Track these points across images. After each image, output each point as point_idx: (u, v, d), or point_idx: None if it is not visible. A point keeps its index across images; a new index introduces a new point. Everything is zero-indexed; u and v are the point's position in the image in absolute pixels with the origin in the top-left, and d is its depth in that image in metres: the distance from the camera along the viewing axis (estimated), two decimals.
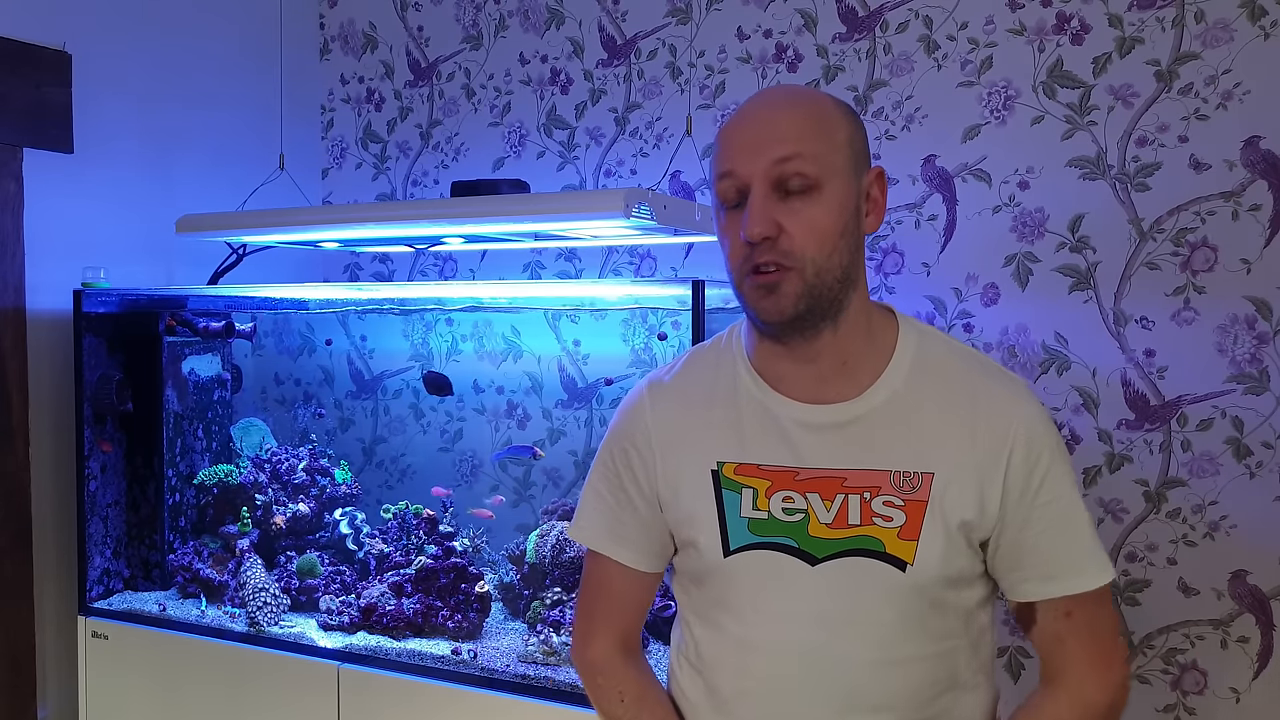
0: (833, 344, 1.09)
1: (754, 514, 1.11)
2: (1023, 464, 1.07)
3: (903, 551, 1.07)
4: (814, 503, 1.09)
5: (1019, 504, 1.08)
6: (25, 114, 2.21)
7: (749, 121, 1.09)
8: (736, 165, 1.06)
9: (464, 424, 2.66)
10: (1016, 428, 1.08)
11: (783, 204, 1.04)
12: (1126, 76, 1.97)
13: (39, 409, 2.28)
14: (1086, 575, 1.09)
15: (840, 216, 1.06)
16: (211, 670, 2.15)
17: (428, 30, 2.73)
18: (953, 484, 1.07)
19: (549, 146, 2.57)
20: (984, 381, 1.11)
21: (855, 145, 1.08)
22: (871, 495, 1.08)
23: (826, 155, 1.05)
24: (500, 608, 2.21)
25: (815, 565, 1.08)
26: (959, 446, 1.08)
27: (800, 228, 1.04)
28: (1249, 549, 1.92)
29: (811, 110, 1.08)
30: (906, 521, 1.07)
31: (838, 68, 2.22)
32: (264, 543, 2.37)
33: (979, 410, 1.09)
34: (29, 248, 2.24)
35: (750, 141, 1.06)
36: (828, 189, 1.05)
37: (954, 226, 2.13)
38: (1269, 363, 1.89)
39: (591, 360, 2.51)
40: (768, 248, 1.04)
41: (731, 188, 1.07)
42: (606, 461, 1.23)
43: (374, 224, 2.06)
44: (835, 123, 1.07)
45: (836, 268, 1.06)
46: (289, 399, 2.89)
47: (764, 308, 1.06)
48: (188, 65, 2.58)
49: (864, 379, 1.11)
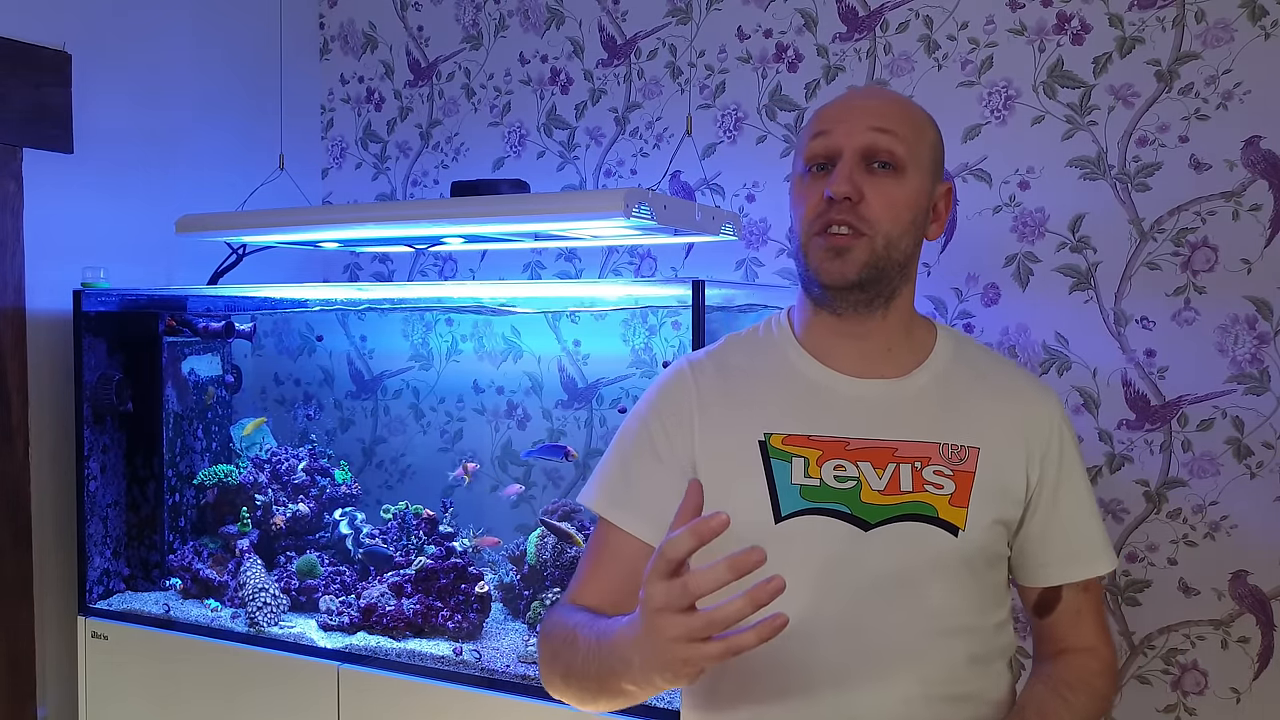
0: (881, 327, 1.15)
1: (806, 481, 1.12)
2: (1057, 454, 1.16)
3: (955, 517, 1.10)
4: (866, 471, 1.11)
5: (1053, 489, 1.15)
6: (25, 114, 2.21)
7: (849, 98, 1.17)
8: (833, 126, 1.12)
9: (464, 424, 2.66)
10: (1055, 420, 1.17)
11: (868, 174, 1.10)
12: (1127, 76, 1.97)
13: (39, 409, 2.28)
14: (1101, 561, 1.19)
15: (915, 204, 1.12)
16: (211, 671, 2.15)
17: (428, 30, 2.73)
18: (997, 461, 1.13)
19: (549, 146, 2.57)
20: (1021, 378, 1.21)
21: (937, 150, 1.16)
22: (923, 465, 1.11)
23: (914, 144, 1.12)
24: (500, 608, 2.21)
25: (869, 530, 1.10)
26: (1003, 428, 1.14)
27: (880, 199, 1.09)
28: (1249, 549, 1.91)
29: (906, 104, 1.17)
30: (957, 490, 1.11)
31: (838, 68, 2.22)
32: (264, 543, 2.37)
33: (1020, 399, 1.17)
34: (29, 248, 2.24)
35: (850, 111, 1.13)
36: (909, 174, 1.11)
37: (954, 226, 2.13)
38: (1269, 363, 1.89)
39: (591, 360, 2.51)
40: (846, 208, 1.08)
41: (822, 147, 1.11)
42: (638, 431, 1.20)
43: (374, 224, 2.06)
44: (924, 123, 1.15)
45: (901, 249, 1.11)
46: (289, 399, 2.89)
47: (829, 269, 1.10)
48: (187, 65, 2.58)
49: (907, 364, 1.16)
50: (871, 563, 1.09)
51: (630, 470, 1.19)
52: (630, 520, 1.17)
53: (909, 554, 1.10)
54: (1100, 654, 1.20)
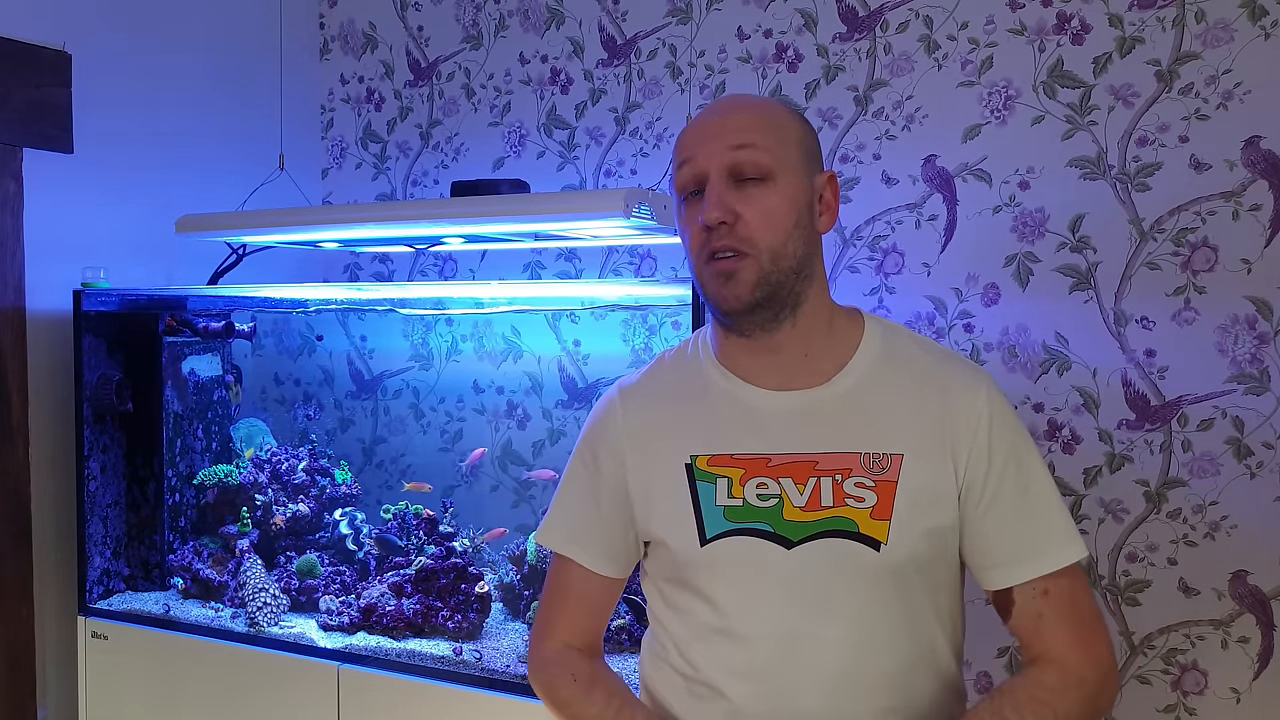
0: (792, 336, 1.13)
1: (729, 502, 1.12)
2: (986, 445, 1.11)
3: (876, 531, 1.09)
4: (787, 487, 1.11)
5: (985, 482, 1.10)
6: (25, 114, 2.21)
7: (705, 118, 1.15)
8: (695, 152, 1.11)
9: (464, 424, 2.66)
10: (980, 411, 1.12)
11: (738, 191, 1.09)
12: (1127, 76, 1.97)
13: (39, 409, 2.28)
14: (1056, 553, 1.10)
15: (793, 208, 1.10)
16: (211, 671, 2.15)
17: (428, 30, 2.73)
18: (922, 465, 1.10)
19: (549, 146, 2.57)
20: (950, 368, 1.15)
21: (806, 145, 1.14)
22: (843, 477, 1.10)
23: (778, 149, 1.10)
24: (500, 608, 2.21)
25: (791, 548, 1.10)
26: (927, 429, 1.11)
27: (755, 214, 1.08)
28: (1249, 549, 1.91)
29: (763, 109, 1.15)
30: (878, 502, 1.09)
31: (838, 68, 2.22)
32: (264, 543, 2.37)
33: (945, 394, 1.12)
34: (29, 248, 2.24)
35: (707, 133, 1.12)
36: (780, 180, 1.10)
37: (954, 226, 2.13)
38: (1269, 363, 1.89)
39: (591, 360, 2.51)
40: (725, 232, 1.08)
41: (690, 175, 1.12)
42: (576, 467, 1.25)
43: (374, 224, 2.06)
44: (786, 122, 1.14)
45: (791, 257, 1.10)
46: (289, 399, 2.89)
47: (723, 295, 1.10)
48: (187, 65, 2.57)
49: (828, 369, 1.14)
50: (797, 580, 1.10)
51: (577, 507, 1.24)
52: (585, 556, 1.22)
53: (832, 570, 1.09)
54: (1065, 666, 1.09)
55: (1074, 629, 1.10)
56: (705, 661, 1.14)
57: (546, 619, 1.26)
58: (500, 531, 2.31)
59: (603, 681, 1.20)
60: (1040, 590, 1.10)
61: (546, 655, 1.24)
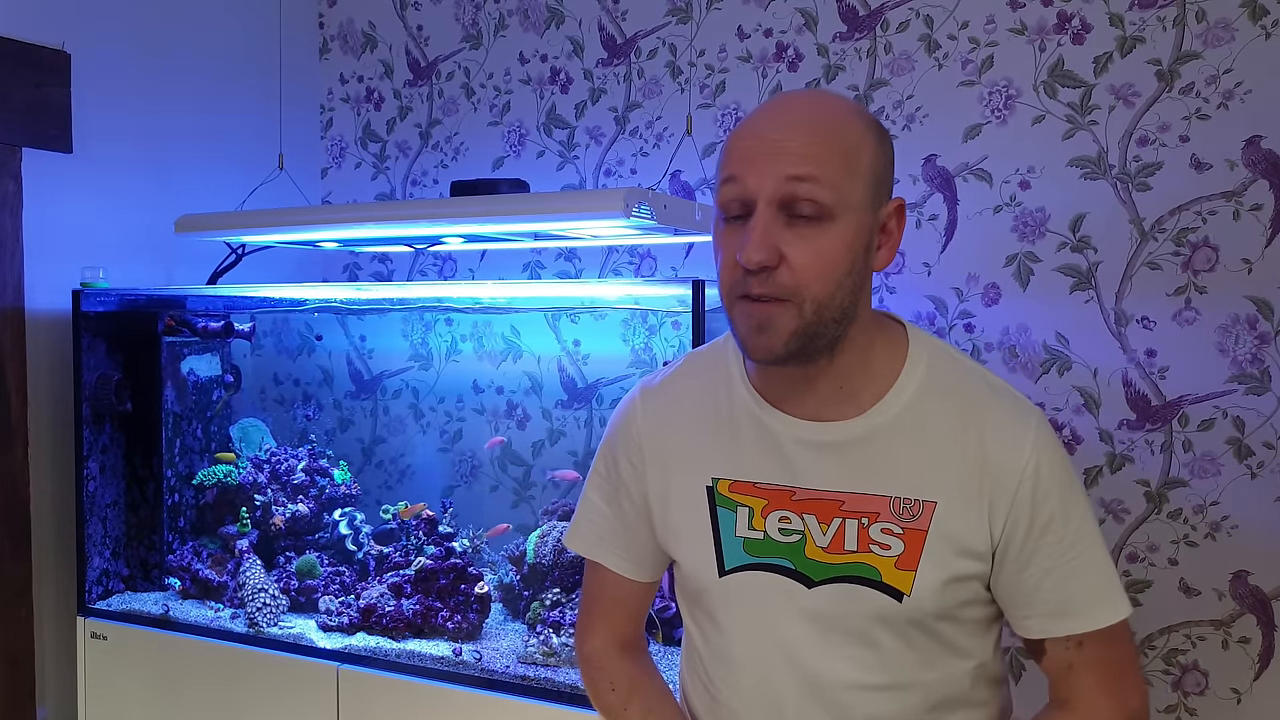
0: (828, 371, 1.03)
1: (750, 534, 1.08)
2: (1029, 499, 1.01)
3: (899, 582, 1.02)
4: (810, 525, 1.05)
5: (1025, 540, 1.02)
6: (25, 114, 2.21)
7: (765, 127, 0.98)
8: (744, 173, 0.96)
9: (463, 424, 2.66)
10: (1026, 461, 1.01)
11: (788, 229, 0.95)
12: (1127, 76, 1.97)
13: (38, 409, 2.28)
14: (1097, 614, 1.03)
15: (849, 253, 0.97)
16: (211, 671, 2.14)
17: (427, 29, 2.72)
18: (955, 515, 1.02)
19: (549, 146, 2.56)
20: (994, 409, 1.04)
21: (877, 172, 0.99)
22: (870, 521, 1.03)
23: (844, 183, 0.95)
24: (500, 608, 2.21)
25: (812, 588, 1.05)
26: (964, 476, 1.02)
27: (804, 258, 0.95)
28: (1250, 549, 1.91)
29: (836, 129, 0.97)
30: (905, 551, 1.02)
31: (838, 67, 2.22)
32: (263, 543, 2.37)
33: (987, 440, 1.02)
34: (28, 248, 2.24)
35: (763, 150, 0.96)
36: (840, 220, 0.96)
37: (955, 226, 2.13)
38: (1270, 363, 1.89)
39: (591, 360, 2.51)
40: (765, 278, 0.95)
41: (735, 199, 0.97)
42: (600, 469, 1.22)
43: (373, 224, 2.06)
44: (858, 145, 0.97)
45: (836, 307, 0.97)
46: (288, 399, 2.89)
47: (754, 345, 0.99)
48: (187, 65, 2.57)
49: (865, 401, 1.04)
50: (816, 619, 1.06)
51: (601, 510, 1.21)
52: (616, 561, 1.20)
53: (851, 615, 1.05)
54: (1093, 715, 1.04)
55: (1105, 678, 1.05)
56: (723, 685, 1.14)
57: (586, 617, 1.25)
58: (503, 527, 2.32)
59: (640, 692, 1.20)
60: (1075, 643, 1.04)
61: (588, 654, 1.24)
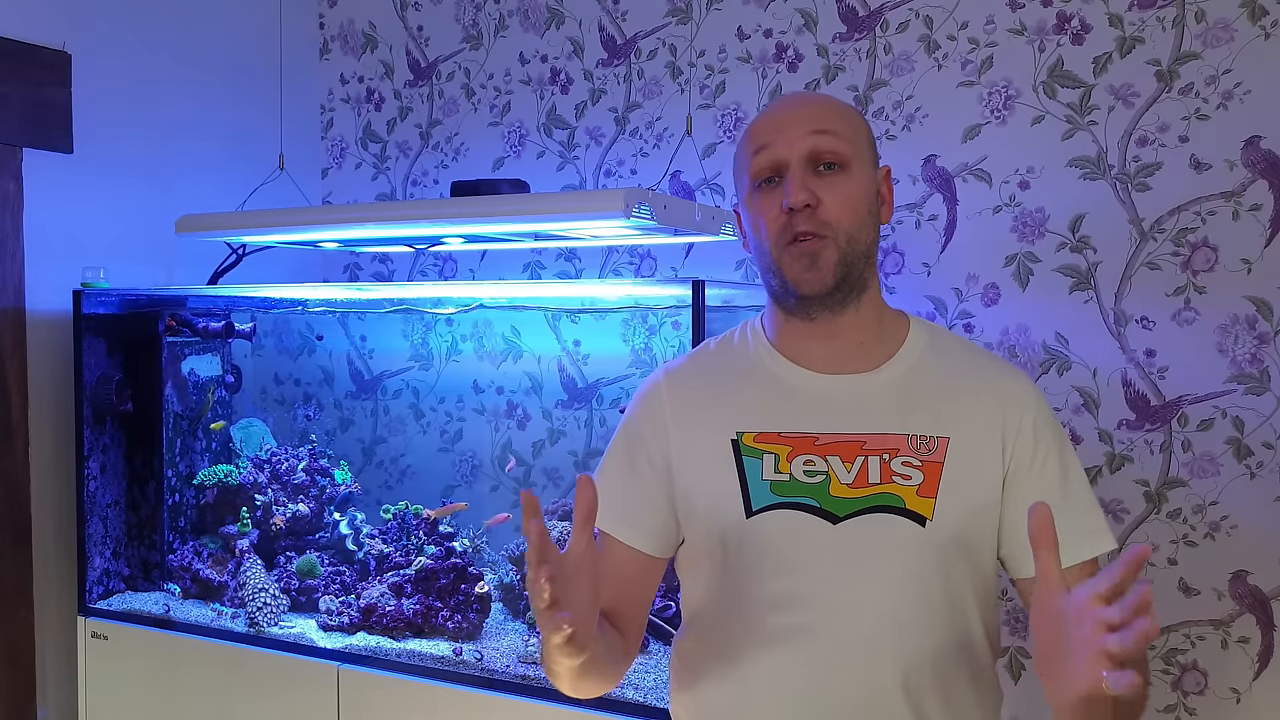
0: (854, 321, 1.17)
1: (775, 476, 1.14)
2: (1033, 431, 1.15)
3: (922, 508, 1.11)
4: (834, 465, 1.13)
5: (1029, 467, 1.14)
6: (25, 114, 2.21)
7: (777, 110, 1.18)
8: (773, 138, 1.14)
9: (464, 424, 2.66)
10: (1029, 400, 1.16)
11: (817, 178, 1.13)
12: (1127, 76, 1.97)
13: (39, 409, 2.28)
14: (1091, 541, 1.15)
15: (866, 195, 1.16)
16: (211, 671, 2.15)
17: (427, 30, 2.73)
18: (968, 448, 1.13)
19: (549, 146, 2.57)
20: (995, 364, 1.22)
21: (871, 140, 1.20)
22: (890, 456, 1.13)
23: (853, 138, 1.15)
24: (500, 608, 2.21)
25: (837, 524, 1.12)
26: (974, 414, 1.15)
27: (835, 199, 1.12)
28: (1250, 549, 1.91)
29: (832, 101, 1.21)
30: (924, 480, 1.12)
31: (838, 67, 2.22)
32: (264, 543, 2.37)
33: (993, 384, 1.17)
34: (29, 248, 2.24)
35: (784, 120, 1.16)
36: (855, 168, 1.14)
37: (954, 226, 2.13)
38: (1269, 363, 1.89)
39: (591, 360, 2.51)
40: (807, 216, 1.12)
41: (767, 161, 1.14)
42: (620, 444, 1.26)
43: (374, 224, 2.06)
44: (856, 116, 1.20)
45: (864, 242, 1.15)
46: (289, 399, 2.89)
47: (807, 279, 1.13)
48: (187, 65, 2.57)
49: (880, 356, 1.18)
50: (842, 553, 1.11)
51: (616, 484, 1.24)
52: (628, 532, 1.23)
53: (878, 544, 1.11)
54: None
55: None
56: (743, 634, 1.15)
57: None
58: (503, 517, 2.32)
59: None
60: (1087, 572, 1.11)
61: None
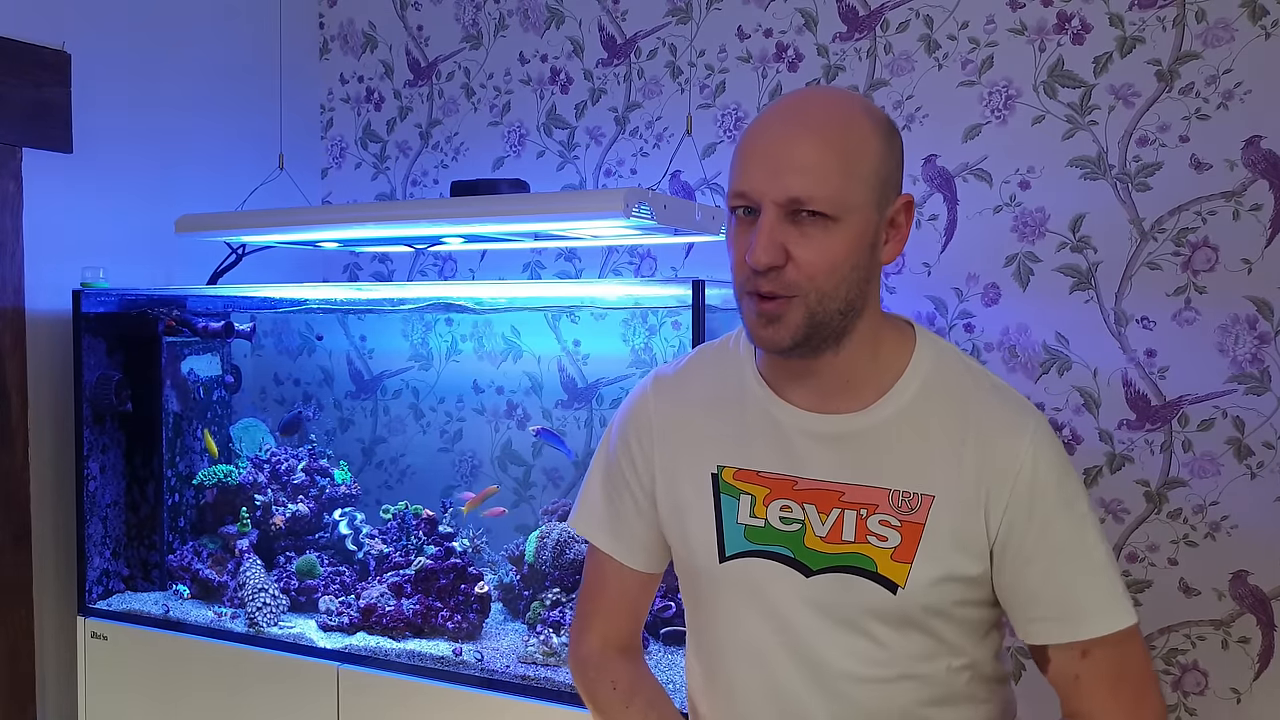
0: (833, 364, 1.07)
1: (751, 521, 1.10)
2: (1026, 498, 1.02)
3: (894, 574, 1.04)
4: (810, 514, 1.07)
5: (1023, 540, 1.03)
6: (25, 114, 2.21)
7: (771, 138, 1.02)
8: (750, 186, 1.01)
9: (464, 424, 2.66)
10: (1023, 461, 1.03)
11: (794, 227, 0.99)
12: (1127, 76, 1.97)
13: (38, 409, 2.28)
14: (1097, 620, 1.03)
15: (853, 250, 1.01)
16: (211, 671, 2.15)
17: (427, 30, 2.73)
18: (953, 509, 1.03)
19: (549, 146, 2.57)
20: (994, 409, 1.06)
21: (883, 175, 1.02)
22: (868, 513, 1.05)
23: (846, 191, 0.99)
24: (500, 608, 2.21)
25: (810, 577, 1.07)
26: (962, 473, 1.04)
27: (809, 256, 0.99)
28: (1250, 549, 1.91)
29: (839, 139, 1.00)
30: (901, 543, 1.04)
31: (838, 67, 2.22)
32: (263, 543, 2.37)
33: (984, 438, 1.04)
34: (28, 248, 2.24)
35: (769, 163, 1.00)
36: (845, 221, 1.00)
37: (954, 226, 2.13)
38: (1270, 363, 1.89)
39: (591, 360, 2.51)
40: (773, 278, 1.00)
41: (742, 203, 1.03)
42: (608, 453, 1.23)
43: (374, 224, 2.06)
44: (862, 148, 1.01)
45: (840, 299, 1.02)
46: (289, 399, 2.89)
47: (762, 336, 1.04)
48: (187, 65, 2.57)
49: (868, 395, 1.07)
50: (813, 607, 1.07)
51: (610, 497, 1.22)
52: (620, 549, 1.21)
53: (846, 605, 1.06)
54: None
55: (1116, 692, 1.04)
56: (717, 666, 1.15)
57: (585, 613, 1.25)
58: (500, 511, 2.33)
59: (642, 692, 1.21)
60: (1079, 652, 1.03)
61: (585, 655, 1.24)
